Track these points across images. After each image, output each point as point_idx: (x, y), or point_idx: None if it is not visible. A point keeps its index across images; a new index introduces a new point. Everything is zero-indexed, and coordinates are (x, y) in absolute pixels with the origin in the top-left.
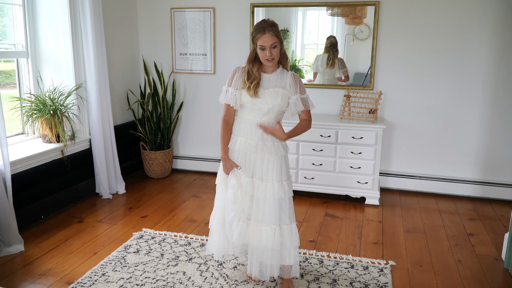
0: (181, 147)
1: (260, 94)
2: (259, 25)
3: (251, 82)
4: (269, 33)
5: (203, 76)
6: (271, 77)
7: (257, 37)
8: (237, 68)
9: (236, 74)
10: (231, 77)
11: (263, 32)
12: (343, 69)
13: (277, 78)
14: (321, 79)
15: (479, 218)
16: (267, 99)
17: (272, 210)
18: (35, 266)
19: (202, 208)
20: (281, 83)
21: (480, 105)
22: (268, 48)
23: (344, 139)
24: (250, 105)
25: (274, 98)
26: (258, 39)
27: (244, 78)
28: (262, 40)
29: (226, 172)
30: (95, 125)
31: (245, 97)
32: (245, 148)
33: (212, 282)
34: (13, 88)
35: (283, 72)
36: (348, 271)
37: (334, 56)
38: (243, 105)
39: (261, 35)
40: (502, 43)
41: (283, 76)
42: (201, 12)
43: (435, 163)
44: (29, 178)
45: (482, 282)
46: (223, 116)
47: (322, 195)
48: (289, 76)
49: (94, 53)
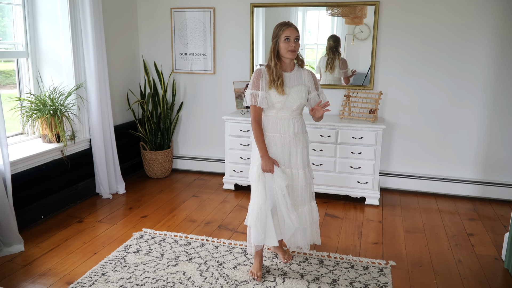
0: (181, 147)
1: (287, 92)
2: (282, 22)
3: (277, 82)
4: (293, 27)
5: (203, 76)
6: (291, 76)
7: (283, 29)
8: (259, 70)
9: (261, 77)
10: (255, 79)
11: (288, 26)
12: (344, 70)
13: (297, 76)
14: (323, 81)
15: (479, 218)
16: (294, 97)
17: (307, 192)
18: (35, 266)
19: (202, 208)
20: (302, 80)
21: (480, 105)
22: (292, 39)
23: (344, 139)
24: (281, 104)
25: (300, 96)
26: (284, 31)
27: (270, 77)
28: (288, 32)
29: (268, 169)
30: (95, 125)
31: (274, 97)
32: (282, 143)
33: (212, 282)
34: (13, 88)
35: (300, 70)
36: (348, 271)
37: (334, 58)
38: (273, 105)
39: (286, 28)
40: (502, 43)
41: (301, 73)
42: (201, 12)
43: (435, 163)
44: (29, 178)
45: (482, 282)
46: (254, 118)
47: (322, 195)
48: (306, 73)
49: (94, 53)
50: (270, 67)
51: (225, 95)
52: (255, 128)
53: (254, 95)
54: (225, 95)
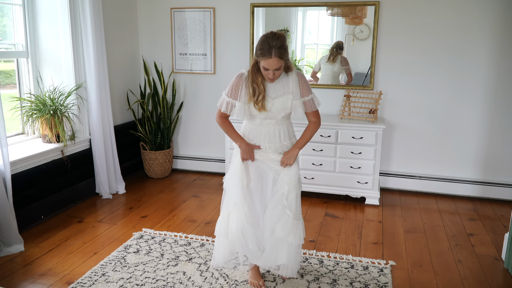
0: (181, 147)
1: (269, 106)
2: (266, 44)
3: (257, 98)
4: (275, 58)
5: (203, 76)
6: (277, 85)
7: (262, 58)
8: (240, 77)
9: (241, 86)
10: (234, 86)
11: (269, 55)
12: (345, 67)
13: (283, 84)
14: (323, 76)
15: (479, 218)
16: (278, 108)
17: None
18: (35, 266)
19: (202, 208)
20: (287, 88)
21: (480, 105)
22: (272, 70)
23: (344, 139)
24: (263, 115)
25: (285, 106)
26: (262, 60)
27: (250, 92)
28: (266, 63)
29: (248, 156)
30: (95, 125)
31: (254, 110)
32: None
33: (212, 282)
34: (13, 88)
35: (286, 76)
36: (348, 271)
37: (337, 53)
38: (254, 116)
39: (266, 58)
40: (502, 42)
41: (287, 79)
42: (201, 12)
43: (435, 163)
44: (29, 178)
45: (482, 282)
46: (220, 116)
47: (322, 195)
48: (293, 78)
49: (94, 53)
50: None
51: None
52: (221, 122)
53: (230, 104)
54: None
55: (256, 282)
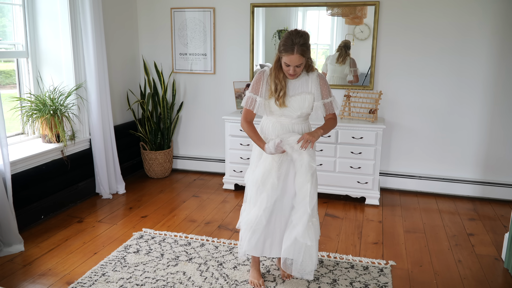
0: (181, 147)
1: (288, 102)
2: (289, 40)
3: (278, 94)
4: (297, 54)
5: (203, 76)
6: (297, 83)
7: (286, 54)
8: (262, 73)
9: (262, 82)
10: (256, 83)
11: (291, 51)
12: (354, 68)
13: (302, 83)
14: (330, 78)
15: (479, 218)
16: (295, 107)
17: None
18: (35, 266)
19: (202, 208)
20: (307, 88)
21: (480, 105)
22: (292, 66)
23: (344, 139)
24: (280, 113)
25: (301, 105)
26: (284, 56)
27: (271, 88)
28: (288, 59)
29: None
30: (95, 125)
31: (273, 106)
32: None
33: (212, 282)
34: (13, 88)
35: (307, 75)
36: (348, 271)
37: (346, 54)
38: (271, 112)
39: (288, 54)
40: (502, 42)
41: (308, 79)
42: (201, 12)
43: (435, 163)
44: (29, 178)
45: (482, 282)
46: (245, 119)
47: (322, 195)
48: (314, 79)
49: (94, 53)
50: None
51: (225, 95)
52: (246, 127)
53: (252, 99)
54: (225, 95)
55: (256, 282)
